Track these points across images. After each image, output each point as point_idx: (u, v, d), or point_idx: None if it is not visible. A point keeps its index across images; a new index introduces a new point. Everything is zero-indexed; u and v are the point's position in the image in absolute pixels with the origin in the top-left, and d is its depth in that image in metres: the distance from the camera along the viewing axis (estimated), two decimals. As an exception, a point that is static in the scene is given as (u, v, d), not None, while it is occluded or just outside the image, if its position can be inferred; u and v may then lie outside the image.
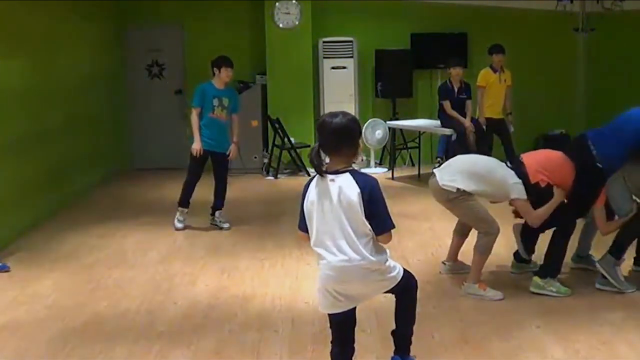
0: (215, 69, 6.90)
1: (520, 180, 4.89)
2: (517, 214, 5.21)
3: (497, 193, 5.01)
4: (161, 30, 10.61)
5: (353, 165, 3.32)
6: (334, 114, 3.29)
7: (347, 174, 3.22)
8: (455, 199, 4.98)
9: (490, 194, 5.04)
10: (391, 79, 10.43)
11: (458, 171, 5.03)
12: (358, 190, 3.17)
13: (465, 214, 5.10)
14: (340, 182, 3.21)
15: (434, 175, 5.10)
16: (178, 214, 7.06)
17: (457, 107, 8.97)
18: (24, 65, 7.13)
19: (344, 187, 3.19)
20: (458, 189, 4.93)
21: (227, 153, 6.98)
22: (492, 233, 4.96)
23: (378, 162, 10.54)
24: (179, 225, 7.01)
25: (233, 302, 5.01)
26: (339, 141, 3.24)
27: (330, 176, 3.23)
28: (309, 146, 10.02)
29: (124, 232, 6.99)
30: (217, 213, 7.10)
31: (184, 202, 7.06)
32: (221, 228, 7.01)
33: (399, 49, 10.50)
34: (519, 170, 4.97)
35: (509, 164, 5.13)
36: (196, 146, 6.83)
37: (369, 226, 3.21)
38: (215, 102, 6.87)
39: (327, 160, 3.30)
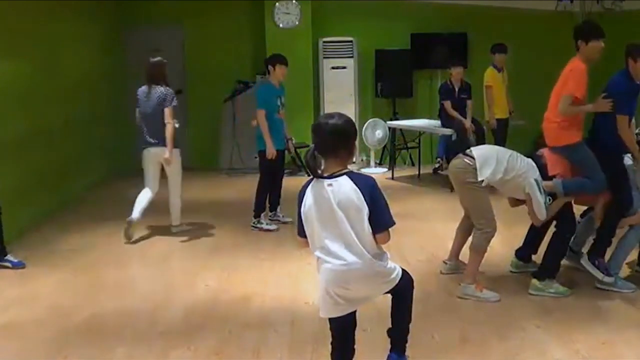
0: (270, 66, 6.87)
1: (540, 177, 4.91)
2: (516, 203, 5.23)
3: (514, 186, 4.99)
4: (161, 30, 10.60)
5: (349, 166, 3.27)
6: (329, 116, 3.28)
7: (345, 177, 3.18)
8: (470, 184, 5.00)
9: (507, 183, 5.00)
10: (391, 79, 10.44)
11: (495, 152, 5.06)
12: (359, 192, 3.14)
13: (471, 202, 5.12)
14: (338, 186, 3.16)
15: (465, 156, 5.08)
16: (264, 219, 6.98)
17: (458, 107, 8.96)
18: (25, 65, 7.13)
19: (342, 190, 3.15)
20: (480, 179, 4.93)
21: (284, 149, 7.03)
22: (488, 231, 4.98)
23: (378, 162, 10.54)
24: (269, 227, 6.92)
25: (233, 302, 5.02)
26: (335, 143, 3.21)
27: (327, 180, 3.18)
28: (308, 146, 10.01)
29: (124, 232, 6.99)
30: (278, 209, 7.13)
31: (264, 208, 6.99)
32: (285, 222, 7.00)
33: (399, 49, 10.51)
34: (539, 162, 5.01)
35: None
36: (272, 150, 6.73)
37: (371, 229, 3.18)
38: (278, 101, 6.86)
39: (323, 164, 3.25)
